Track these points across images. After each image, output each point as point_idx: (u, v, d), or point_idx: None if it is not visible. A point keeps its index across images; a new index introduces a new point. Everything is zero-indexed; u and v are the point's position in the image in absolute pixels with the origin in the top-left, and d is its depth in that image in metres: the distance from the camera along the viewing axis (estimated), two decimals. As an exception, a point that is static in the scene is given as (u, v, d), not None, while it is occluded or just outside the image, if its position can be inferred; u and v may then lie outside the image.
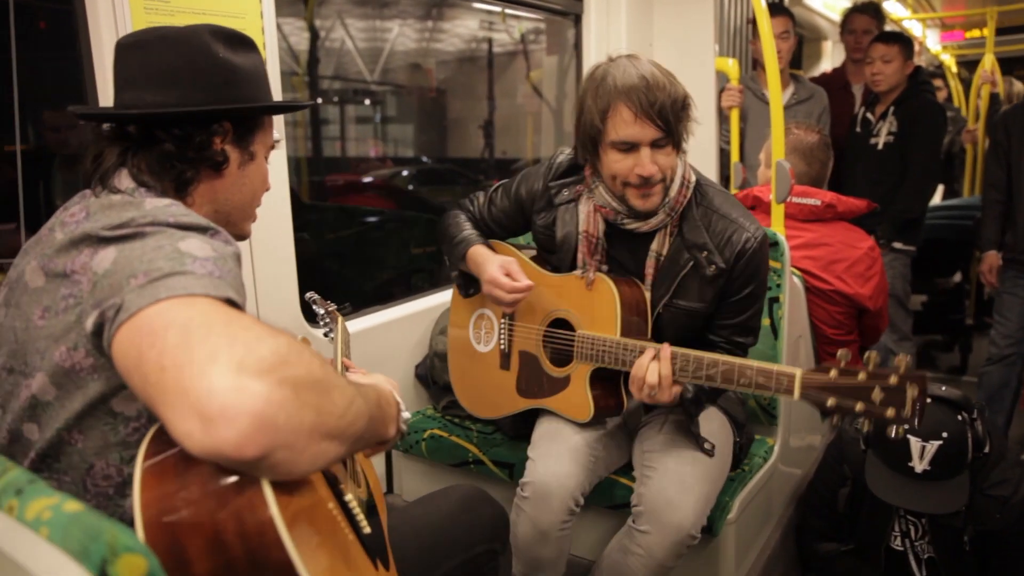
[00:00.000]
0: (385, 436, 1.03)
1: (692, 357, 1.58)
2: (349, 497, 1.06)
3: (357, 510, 1.06)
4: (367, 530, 1.06)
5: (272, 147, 1.26)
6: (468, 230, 1.97)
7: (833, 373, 1.39)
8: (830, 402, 1.38)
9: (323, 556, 0.85)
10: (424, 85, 6.82)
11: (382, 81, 6.50)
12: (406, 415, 1.11)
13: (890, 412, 1.33)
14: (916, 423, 1.33)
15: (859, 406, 1.36)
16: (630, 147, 1.62)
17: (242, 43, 1.18)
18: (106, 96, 1.61)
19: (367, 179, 5.95)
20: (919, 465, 1.79)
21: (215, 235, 0.98)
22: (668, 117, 1.59)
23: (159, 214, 0.96)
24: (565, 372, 1.86)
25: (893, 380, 1.33)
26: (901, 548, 1.99)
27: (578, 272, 1.82)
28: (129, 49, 1.13)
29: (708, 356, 1.57)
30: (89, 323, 0.89)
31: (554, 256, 1.88)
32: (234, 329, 0.78)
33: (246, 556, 0.74)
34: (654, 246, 1.76)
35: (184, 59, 1.11)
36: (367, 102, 6.89)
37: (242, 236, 1.25)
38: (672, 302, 1.75)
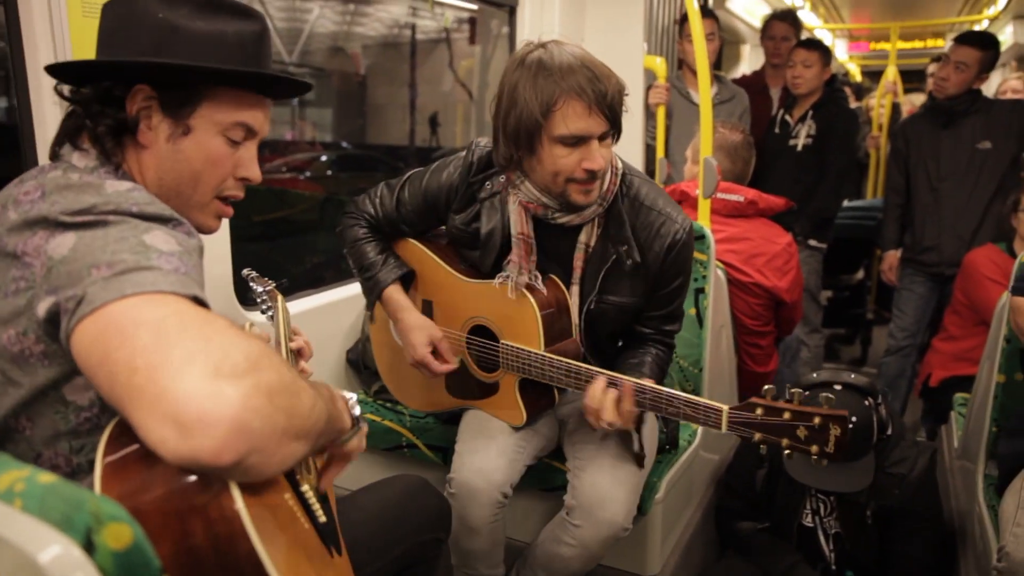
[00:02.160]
0: (343, 428, 1.02)
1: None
2: (305, 488, 1.07)
3: (312, 499, 1.07)
4: (322, 519, 1.07)
5: (248, 128, 1.12)
6: (371, 255, 1.88)
7: (759, 411, 1.42)
8: (757, 436, 1.43)
9: (284, 546, 0.86)
10: (345, 69, 6.70)
11: (301, 63, 6.35)
12: (353, 401, 1.09)
13: (814, 449, 1.38)
14: (839, 458, 1.37)
15: (784, 442, 1.41)
16: (578, 141, 1.52)
17: (215, 8, 1.08)
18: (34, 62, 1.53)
19: (291, 162, 5.82)
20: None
21: (177, 226, 0.95)
22: (616, 109, 1.53)
23: (121, 201, 0.92)
24: (494, 378, 1.84)
25: (816, 421, 1.37)
26: (812, 525, 2.12)
27: (496, 281, 1.74)
28: (101, 16, 1.09)
29: (643, 383, 1.56)
30: (42, 310, 0.85)
31: (476, 252, 1.79)
32: (208, 332, 0.77)
33: (212, 547, 0.75)
34: (582, 238, 1.71)
35: (120, 20, 1.05)
36: (284, 84, 6.71)
37: (200, 229, 1.13)
38: (602, 297, 1.72)
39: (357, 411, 1.07)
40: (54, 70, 1.07)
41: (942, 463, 2.71)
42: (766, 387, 1.43)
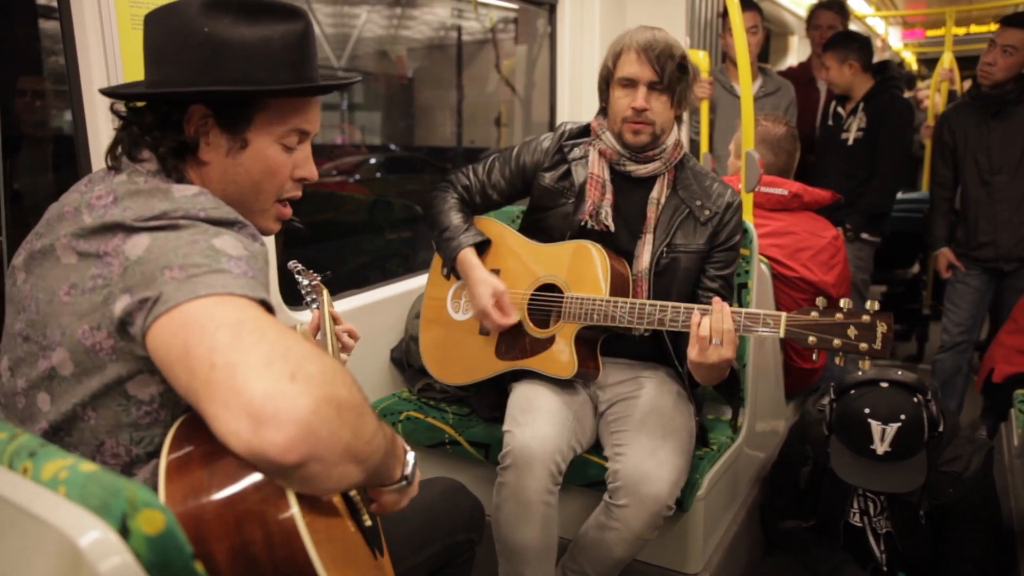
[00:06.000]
0: (393, 476, 1.02)
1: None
2: (353, 492, 1.09)
3: (360, 505, 1.10)
4: (368, 523, 1.09)
5: (302, 132, 1.14)
6: (455, 220, 2.05)
7: (814, 314, 1.58)
8: (811, 339, 1.57)
9: (335, 549, 0.89)
10: (392, 72, 6.79)
11: (349, 68, 6.45)
12: (412, 457, 1.09)
13: (863, 346, 1.53)
14: (886, 354, 1.53)
15: (836, 341, 1.55)
16: (630, 83, 1.87)
17: (255, 12, 1.06)
18: (88, 78, 1.59)
19: (340, 165, 5.92)
20: (880, 447, 1.86)
21: (242, 229, 0.98)
22: (664, 64, 1.84)
23: (190, 207, 0.96)
24: (550, 332, 1.94)
25: (865, 318, 1.53)
26: (860, 524, 2.08)
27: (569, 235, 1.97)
28: (144, 25, 1.10)
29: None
30: (118, 308, 0.89)
31: (570, 203, 2.01)
32: (287, 341, 0.81)
33: (266, 549, 0.78)
34: (654, 194, 1.96)
35: (168, 34, 1.06)
36: (334, 88, 6.82)
37: (262, 232, 1.14)
38: (672, 244, 1.94)
39: (409, 469, 1.06)
40: (108, 93, 1.12)
41: (1001, 461, 2.62)
42: (819, 299, 1.58)
